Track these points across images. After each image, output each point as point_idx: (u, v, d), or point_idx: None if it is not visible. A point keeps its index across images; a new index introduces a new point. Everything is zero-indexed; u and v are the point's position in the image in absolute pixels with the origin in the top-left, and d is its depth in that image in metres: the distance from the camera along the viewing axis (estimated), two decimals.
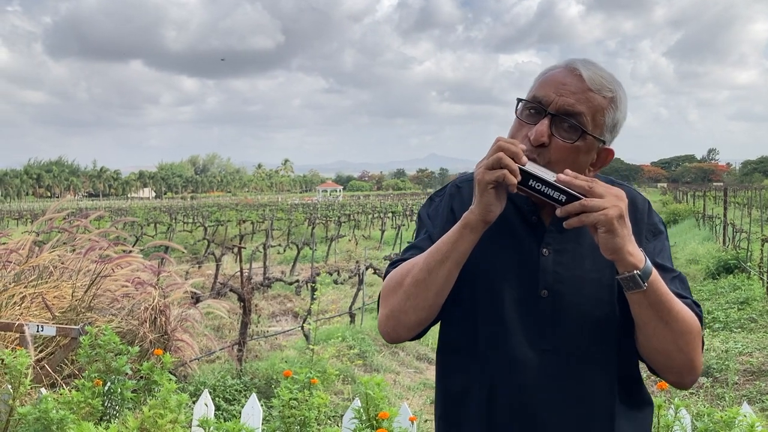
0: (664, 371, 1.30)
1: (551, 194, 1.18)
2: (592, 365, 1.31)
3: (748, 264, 10.32)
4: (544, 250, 1.33)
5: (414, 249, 1.38)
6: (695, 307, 1.30)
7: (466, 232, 1.23)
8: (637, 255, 1.18)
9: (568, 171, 1.19)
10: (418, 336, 1.39)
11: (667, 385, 1.39)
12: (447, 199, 1.43)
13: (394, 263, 1.40)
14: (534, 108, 1.29)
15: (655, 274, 1.20)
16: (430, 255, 1.28)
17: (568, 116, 1.25)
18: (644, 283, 1.18)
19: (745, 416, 2.33)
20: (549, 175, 1.19)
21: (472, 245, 1.25)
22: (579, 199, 1.16)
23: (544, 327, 1.31)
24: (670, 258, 1.38)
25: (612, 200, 1.16)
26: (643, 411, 1.41)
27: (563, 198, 1.17)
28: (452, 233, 1.25)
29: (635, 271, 1.17)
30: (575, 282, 1.31)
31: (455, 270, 1.27)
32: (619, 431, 1.33)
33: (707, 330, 7.26)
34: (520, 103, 1.32)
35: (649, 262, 1.19)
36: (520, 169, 1.18)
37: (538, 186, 1.18)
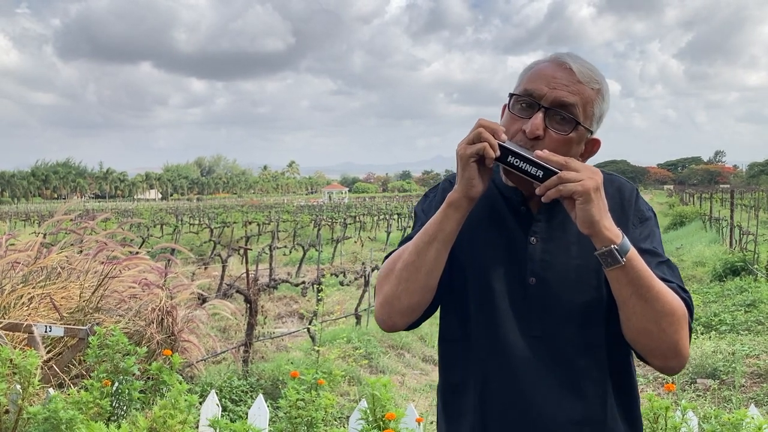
0: (649, 354, 1.30)
1: (529, 170, 1.21)
2: (582, 350, 1.33)
3: (755, 266, 10.28)
4: (532, 238, 1.35)
5: (408, 241, 1.40)
6: (682, 292, 1.30)
7: (450, 211, 1.26)
8: (613, 230, 1.20)
9: (545, 149, 1.22)
10: (414, 324, 1.41)
11: (674, 386, 1.39)
12: (440, 194, 1.45)
13: (389, 255, 1.42)
14: (526, 102, 1.31)
15: (634, 252, 1.21)
16: (418, 237, 1.31)
17: (562, 108, 1.28)
18: (622, 258, 1.19)
19: (752, 418, 2.33)
20: (527, 152, 1.22)
21: (458, 224, 1.28)
22: (556, 173, 1.19)
23: (534, 314, 1.33)
24: (661, 244, 1.38)
25: (588, 173, 1.19)
26: (633, 395, 1.42)
27: (540, 173, 1.20)
28: (438, 214, 1.29)
29: (612, 246, 1.18)
30: (562, 269, 1.33)
31: (444, 250, 1.29)
32: (610, 416, 1.34)
33: (713, 332, 7.23)
34: (512, 98, 1.34)
35: (626, 239, 1.21)
36: (500, 145, 1.21)
37: (517, 162, 1.21)
